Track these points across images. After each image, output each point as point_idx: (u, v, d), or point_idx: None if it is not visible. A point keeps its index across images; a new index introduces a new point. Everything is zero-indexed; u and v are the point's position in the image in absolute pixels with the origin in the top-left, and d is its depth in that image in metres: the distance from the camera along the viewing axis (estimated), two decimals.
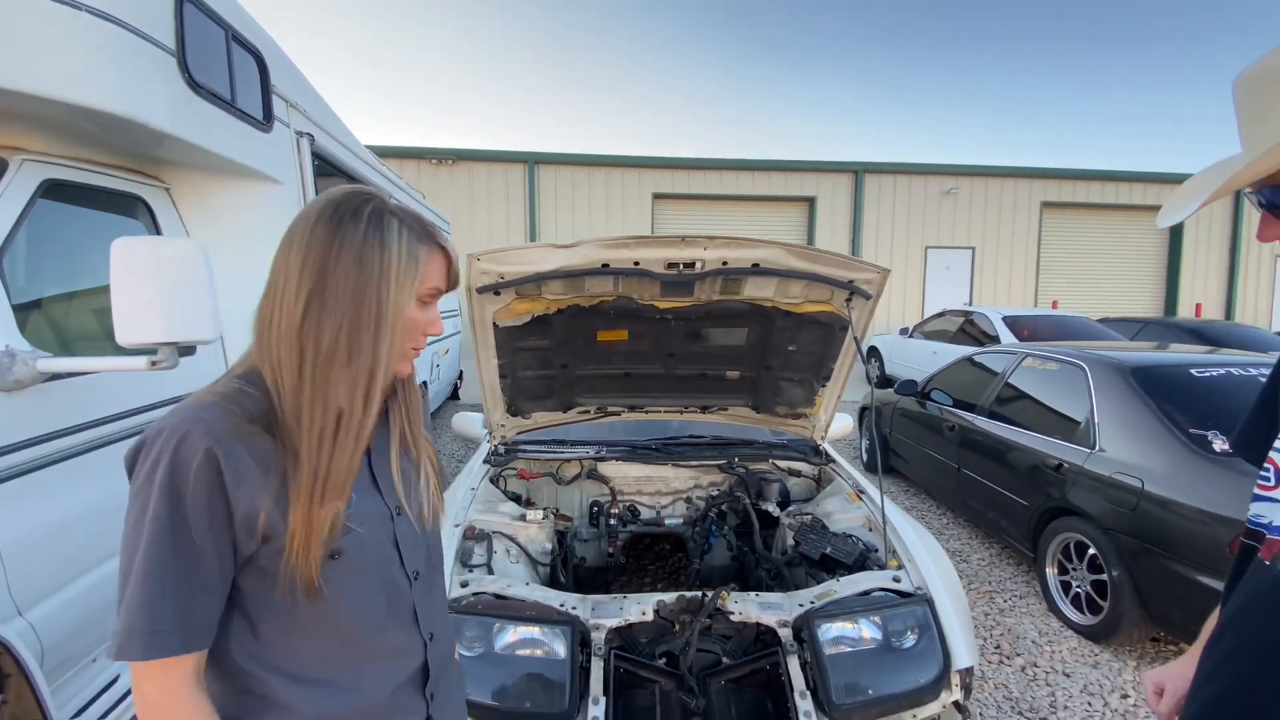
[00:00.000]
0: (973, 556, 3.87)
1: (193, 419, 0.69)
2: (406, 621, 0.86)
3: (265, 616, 0.74)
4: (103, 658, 1.93)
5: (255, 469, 0.71)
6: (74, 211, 2.04)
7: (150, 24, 1.97)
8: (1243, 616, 0.84)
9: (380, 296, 0.73)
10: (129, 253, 1.53)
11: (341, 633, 0.78)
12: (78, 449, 1.80)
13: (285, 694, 0.75)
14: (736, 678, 1.67)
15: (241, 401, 0.73)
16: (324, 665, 0.78)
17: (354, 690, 0.79)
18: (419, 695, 0.88)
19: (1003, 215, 13.70)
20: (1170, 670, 1.05)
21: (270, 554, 0.72)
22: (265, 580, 0.73)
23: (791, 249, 1.94)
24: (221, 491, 0.69)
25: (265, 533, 0.71)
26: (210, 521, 0.68)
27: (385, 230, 0.75)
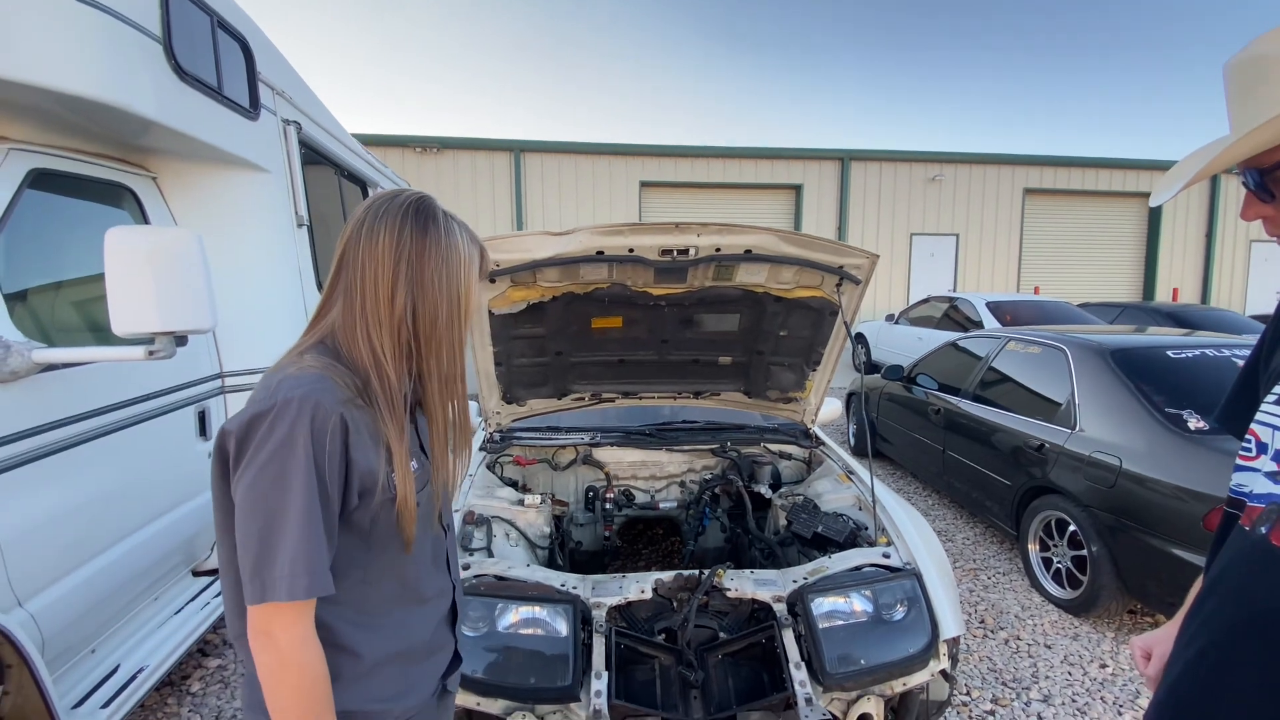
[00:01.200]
0: (958, 536, 3.96)
1: (320, 389, 0.78)
2: (443, 568, 1.00)
3: (346, 570, 0.84)
4: (102, 648, 1.94)
5: (366, 434, 0.81)
6: (61, 201, 2.02)
7: (136, 10, 1.94)
8: (1223, 580, 0.88)
9: (464, 289, 0.88)
10: (123, 242, 1.53)
11: (403, 580, 0.90)
12: (75, 439, 1.80)
13: (354, 640, 0.85)
14: (733, 651, 1.72)
15: (342, 375, 0.82)
16: (381, 611, 0.89)
17: (407, 631, 0.92)
18: (450, 632, 1.02)
19: (986, 202, 13.84)
20: (1157, 635, 1.10)
21: (364, 509, 0.82)
22: (352, 535, 0.84)
23: (783, 235, 1.97)
24: (345, 452, 0.79)
25: (366, 488, 0.81)
26: (339, 477, 0.79)
27: (458, 234, 0.88)
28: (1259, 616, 0.81)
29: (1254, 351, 1.04)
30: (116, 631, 2.01)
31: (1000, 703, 2.39)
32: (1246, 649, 0.82)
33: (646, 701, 1.58)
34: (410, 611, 0.93)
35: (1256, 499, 0.86)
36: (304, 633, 0.76)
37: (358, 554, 0.85)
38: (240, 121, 2.56)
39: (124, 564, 1.97)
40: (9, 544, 1.59)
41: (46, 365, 1.69)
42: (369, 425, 0.83)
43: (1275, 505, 0.82)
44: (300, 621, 0.76)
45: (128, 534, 2.01)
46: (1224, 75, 0.80)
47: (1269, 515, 0.83)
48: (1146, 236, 14.66)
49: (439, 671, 0.98)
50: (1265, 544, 0.82)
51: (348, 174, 4.10)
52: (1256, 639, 0.81)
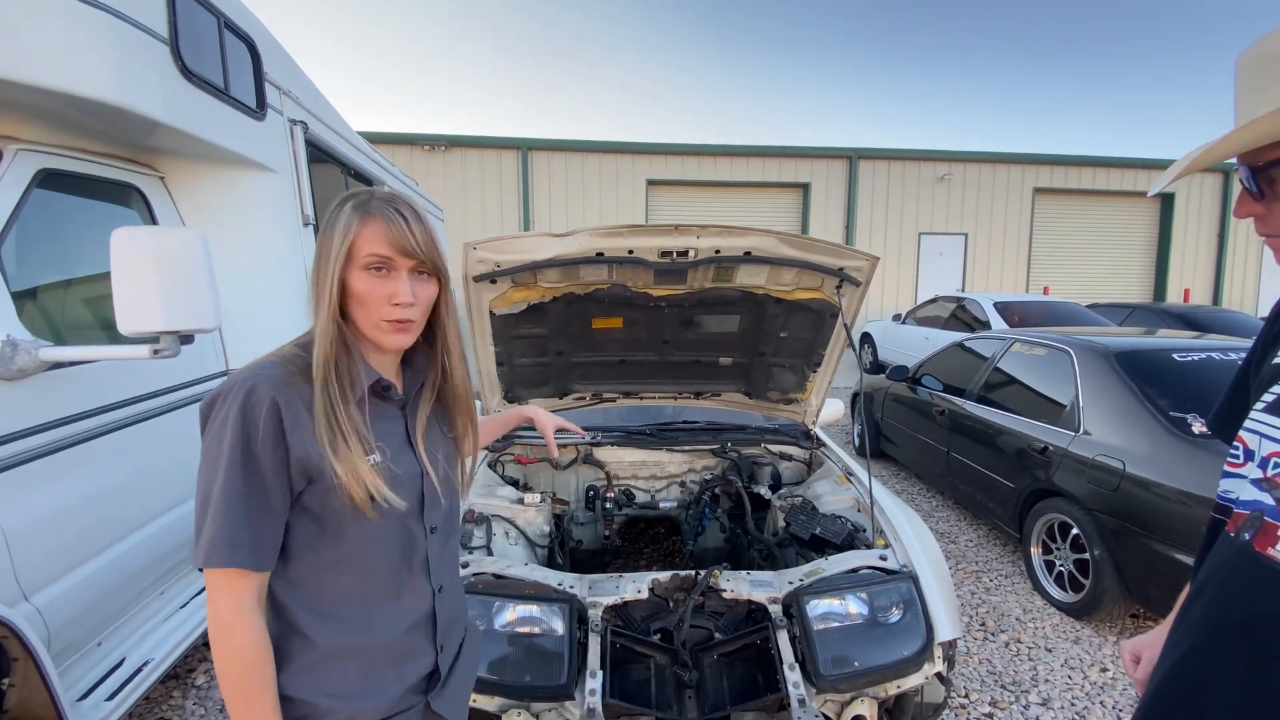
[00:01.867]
0: (961, 538, 3.95)
1: (258, 375, 0.82)
2: (419, 570, 0.97)
3: (300, 553, 0.86)
4: (108, 641, 1.97)
5: (308, 418, 0.83)
6: (70, 201, 2.05)
7: (143, 12, 1.97)
8: (1209, 585, 0.89)
9: (325, 272, 0.85)
10: (129, 242, 1.55)
11: (361, 571, 0.89)
12: (81, 436, 1.83)
13: (308, 626, 0.86)
14: (728, 652, 1.73)
15: (296, 363, 0.86)
16: (343, 602, 0.89)
17: (367, 628, 0.90)
18: (429, 643, 0.98)
19: (995, 201, 13.74)
20: (1146, 639, 1.12)
21: (314, 494, 0.84)
22: (304, 519, 0.86)
23: (783, 237, 1.97)
24: (281, 434, 0.81)
25: (312, 473, 0.83)
26: (274, 458, 0.81)
27: (340, 215, 0.86)
28: (1242, 621, 0.82)
29: (1246, 358, 1.04)
30: (123, 625, 2.04)
31: (999, 706, 2.39)
32: (1229, 652, 0.83)
33: (641, 701, 1.59)
34: (375, 608, 0.91)
35: (1242, 505, 0.87)
36: (236, 602, 0.80)
37: (311, 538, 0.86)
38: (247, 122, 2.58)
39: (130, 558, 2.00)
40: (16, 538, 1.62)
41: (54, 363, 1.72)
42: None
43: (1258, 512, 0.83)
44: (234, 592, 0.80)
45: (135, 529, 2.04)
46: (1236, 66, 0.80)
47: (1253, 522, 0.84)
48: (1158, 237, 14.50)
49: (409, 681, 0.95)
50: (1249, 550, 0.83)
51: (355, 173, 4.12)
52: (1239, 642, 0.83)
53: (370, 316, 0.87)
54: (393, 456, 0.91)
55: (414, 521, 0.95)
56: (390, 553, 0.92)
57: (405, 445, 0.95)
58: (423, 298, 0.90)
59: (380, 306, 0.86)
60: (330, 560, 0.87)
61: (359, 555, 0.88)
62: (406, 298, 0.86)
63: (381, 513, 0.87)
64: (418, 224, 0.87)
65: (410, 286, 0.87)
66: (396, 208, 0.86)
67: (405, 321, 0.88)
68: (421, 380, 1.00)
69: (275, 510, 0.82)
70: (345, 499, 0.84)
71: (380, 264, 0.85)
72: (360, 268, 0.85)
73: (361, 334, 0.89)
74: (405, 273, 0.87)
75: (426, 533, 0.97)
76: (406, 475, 0.93)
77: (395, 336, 0.89)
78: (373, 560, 0.90)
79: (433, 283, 0.92)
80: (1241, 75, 0.78)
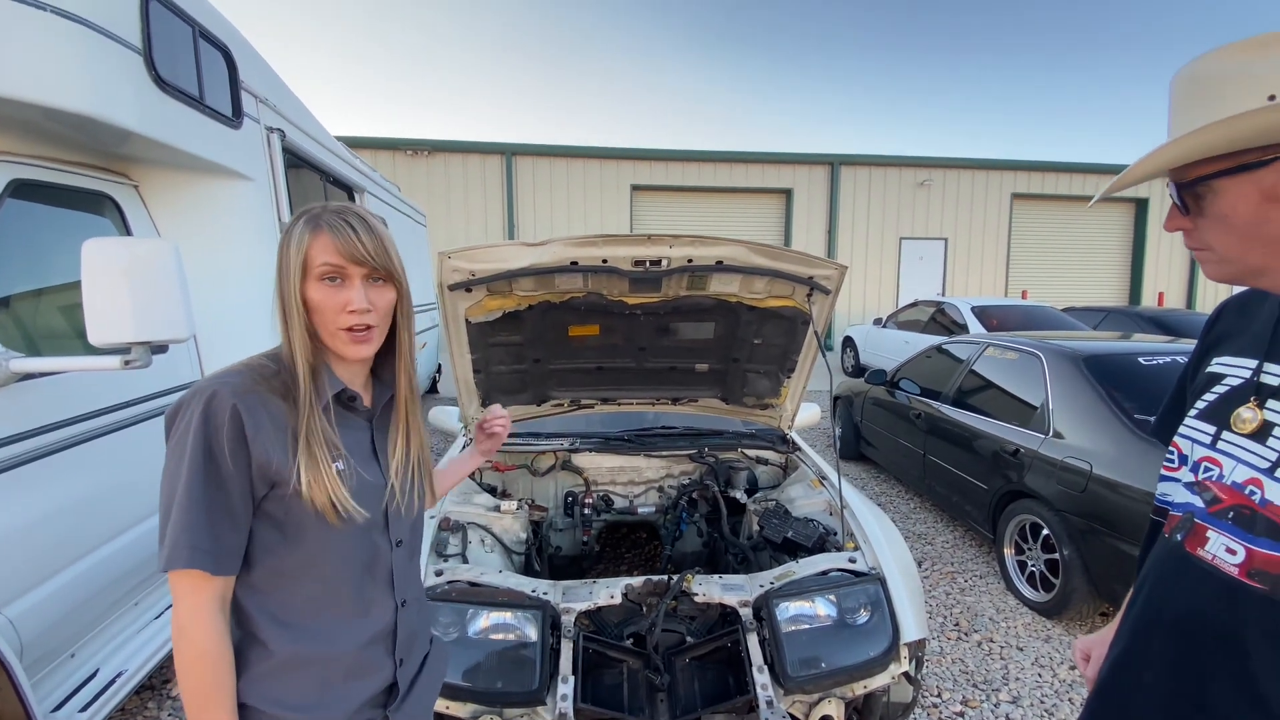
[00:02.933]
0: (937, 539, 4.01)
1: (221, 382, 0.84)
2: (382, 582, 0.97)
3: (261, 559, 0.87)
4: (81, 652, 1.96)
5: (269, 425, 0.85)
6: (43, 210, 2.04)
7: (115, 22, 1.97)
8: (1146, 584, 0.93)
9: (287, 288, 0.87)
10: (100, 253, 1.56)
11: (322, 580, 0.90)
12: (53, 447, 1.82)
13: (267, 633, 0.87)
14: (700, 655, 1.76)
15: (261, 371, 0.88)
16: (303, 611, 0.90)
17: (326, 638, 0.91)
18: (389, 656, 0.98)
19: (974, 206, 13.96)
20: (1096, 637, 1.17)
21: (275, 500, 0.86)
22: (266, 524, 0.87)
23: (753, 246, 2.01)
24: (243, 440, 0.82)
25: (274, 479, 0.84)
26: (235, 464, 0.82)
27: (294, 231, 0.89)
28: (1172, 620, 0.86)
29: (1186, 365, 1.08)
30: (97, 636, 2.03)
31: (970, 704, 2.44)
32: (1161, 651, 0.87)
33: (613, 705, 1.61)
34: (335, 619, 0.91)
35: (1176, 508, 0.91)
36: (196, 605, 0.81)
37: (272, 543, 0.87)
38: (223, 130, 2.58)
39: (104, 569, 1.99)
40: None
41: (24, 374, 1.71)
42: (279, 416, 0.86)
43: (1189, 515, 0.87)
44: (194, 594, 0.81)
45: (108, 540, 2.03)
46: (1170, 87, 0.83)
47: (1184, 524, 0.87)
48: (1133, 241, 14.81)
49: (367, 694, 0.95)
50: (1180, 550, 0.86)
51: (334, 180, 4.12)
52: (1170, 642, 0.86)
53: (327, 326, 0.88)
54: (357, 467, 0.92)
55: (379, 534, 0.95)
56: (352, 564, 0.92)
57: (370, 457, 0.96)
58: (380, 304, 0.91)
59: (336, 315, 0.87)
60: (291, 567, 0.88)
61: (319, 563, 0.89)
62: (360, 304, 0.87)
63: (343, 522, 0.88)
64: (366, 232, 0.88)
65: (365, 294, 0.88)
66: (345, 219, 0.88)
67: (363, 329, 0.89)
68: (390, 393, 1.01)
69: (237, 515, 0.83)
70: (307, 505, 0.85)
71: (333, 273, 0.87)
72: (315, 279, 0.87)
73: (324, 345, 0.91)
74: (359, 280, 0.88)
75: (392, 546, 0.97)
76: (371, 487, 0.93)
77: (355, 346, 0.90)
78: (334, 570, 0.90)
79: (389, 288, 0.93)
80: (1174, 95, 0.82)
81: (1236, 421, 0.82)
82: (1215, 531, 0.82)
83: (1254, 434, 0.80)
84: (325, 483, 0.85)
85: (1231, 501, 0.81)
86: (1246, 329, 0.93)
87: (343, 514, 0.87)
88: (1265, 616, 0.75)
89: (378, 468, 0.96)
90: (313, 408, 0.87)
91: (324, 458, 0.86)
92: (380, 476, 0.96)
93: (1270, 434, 0.78)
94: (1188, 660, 0.83)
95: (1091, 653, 1.16)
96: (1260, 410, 0.80)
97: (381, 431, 1.00)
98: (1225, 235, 0.77)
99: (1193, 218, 0.78)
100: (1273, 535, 0.75)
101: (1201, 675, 0.81)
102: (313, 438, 0.86)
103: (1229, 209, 0.75)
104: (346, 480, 0.88)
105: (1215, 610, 0.80)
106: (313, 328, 0.89)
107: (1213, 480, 0.84)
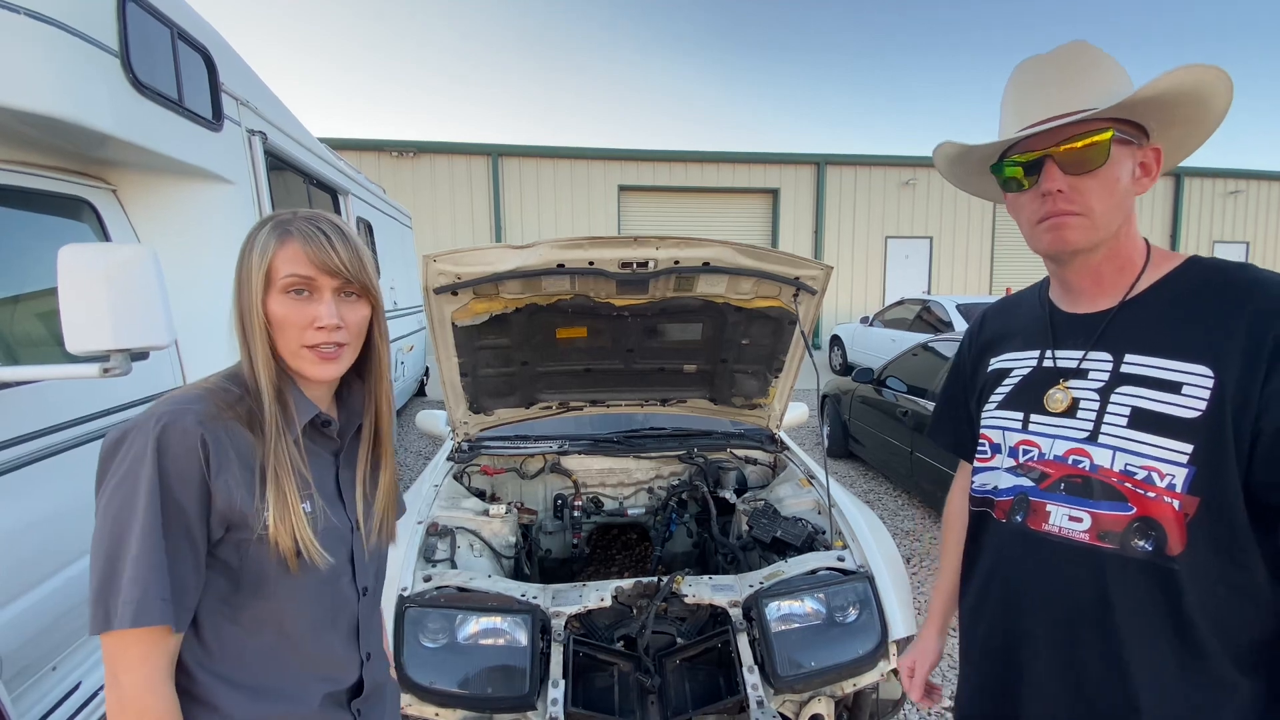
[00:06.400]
0: (925, 536, 4.05)
1: (183, 409, 0.73)
2: (347, 635, 0.88)
3: (211, 613, 0.77)
4: (63, 665, 1.92)
5: (235, 460, 0.75)
6: (18, 216, 2.00)
7: (91, 25, 1.94)
8: (995, 577, 0.97)
9: (248, 302, 0.78)
10: (77, 259, 1.53)
11: (283, 636, 0.81)
12: (30, 457, 1.78)
13: (221, 698, 0.76)
14: (690, 656, 1.76)
15: (224, 396, 0.78)
16: (262, 671, 0.80)
17: (287, 698, 0.81)
18: (345, 712, 0.89)
19: (958, 205, 14.10)
20: (915, 650, 1.23)
21: (230, 545, 0.76)
22: (216, 571, 0.77)
23: (740, 248, 2.02)
24: (204, 477, 0.73)
25: (233, 522, 0.75)
26: (197, 503, 0.72)
27: (257, 237, 0.80)
28: (1038, 596, 0.89)
29: (954, 369, 1.16)
30: (79, 648, 1.99)
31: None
32: (1034, 631, 0.90)
33: (604, 708, 1.61)
34: (292, 674, 0.82)
35: (1003, 493, 0.96)
36: (150, 673, 0.70)
37: (225, 593, 0.77)
38: (202, 133, 2.55)
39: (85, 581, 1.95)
40: None
41: (1, 383, 1.68)
42: (246, 449, 0.77)
43: (1022, 495, 0.92)
44: (146, 660, 0.70)
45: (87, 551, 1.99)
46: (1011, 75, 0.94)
47: (1020, 505, 0.92)
48: None
49: None
50: (1024, 530, 0.91)
51: (317, 182, 4.08)
52: (1037, 619, 0.90)
53: (290, 344, 0.79)
54: (321, 509, 0.83)
55: (346, 582, 0.87)
56: (313, 614, 0.83)
57: (335, 497, 0.87)
58: (352, 321, 0.82)
59: (301, 332, 0.79)
60: (245, 618, 0.78)
61: (278, 614, 0.80)
62: (331, 320, 0.79)
63: (305, 569, 0.79)
64: (341, 241, 0.80)
65: (336, 309, 0.80)
66: (317, 225, 0.79)
67: (332, 347, 0.80)
68: (358, 423, 0.91)
69: (197, 561, 0.74)
70: (270, 551, 0.76)
71: (300, 285, 0.78)
72: (279, 291, 0.78)
73: (286, 365, 0.81)
74: (329, 293, 0.80)
75: (359, 595, 0.89)
76: (337, 530, 0.85)
77: (321, 366, 0.80)
78: (292, 621, 0.81)
79: (363, 305, 0.84)
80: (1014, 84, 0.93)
81: (1050, 402, 0.91)
82: (1054, 504, 0.88)
83: (1065, 411, 0.89)
84: (291, 524, 0.76)
85: (1059, 474, 0.88)
86: (1017, 329, 1.04)
87: (307, 560, 0.78)
88: (1120, 572, 0.81)
89: (342, 508, 0.87)
90: (282, 436, 0.78)
91: (293, 496, 0.76)
92: (345, 518, 0.87)
93: (1078, 408, 0.87)
94: (1065, 641, 0.87)
95: (915, 666, 1.21)
96: (1069, 390, 0.89)
97: (349, 466, 0.89)
98: (1108, 199, 0.83)
99: (1083, 178, 0.83)
100: (1110, 497, 0.82)
101: (1074, 643, 0.86)
102: (282, 472, 0.76)
103: (1120, 173, 0.83)
104: (314, 522, 0.79)
105: (1073, 576, 0.85)
106: (273, 345, 0.79)
107: (1034, 460, 0.91)
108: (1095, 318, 0.90)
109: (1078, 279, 0.93)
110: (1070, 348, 0.92)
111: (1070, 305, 0.95)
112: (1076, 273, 0.92)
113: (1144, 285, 0.88)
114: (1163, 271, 0.88)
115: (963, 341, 1.16)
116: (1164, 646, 0.80)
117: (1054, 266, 0.97)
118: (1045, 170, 0.85)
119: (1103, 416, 0.84)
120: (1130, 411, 0.82)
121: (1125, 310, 0.88)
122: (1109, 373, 0.85)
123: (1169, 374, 0.80)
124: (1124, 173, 0.84)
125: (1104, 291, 0.91)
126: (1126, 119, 0.83)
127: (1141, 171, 0.87)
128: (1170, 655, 0.79)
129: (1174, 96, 0.80)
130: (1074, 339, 0.92)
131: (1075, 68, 0.85)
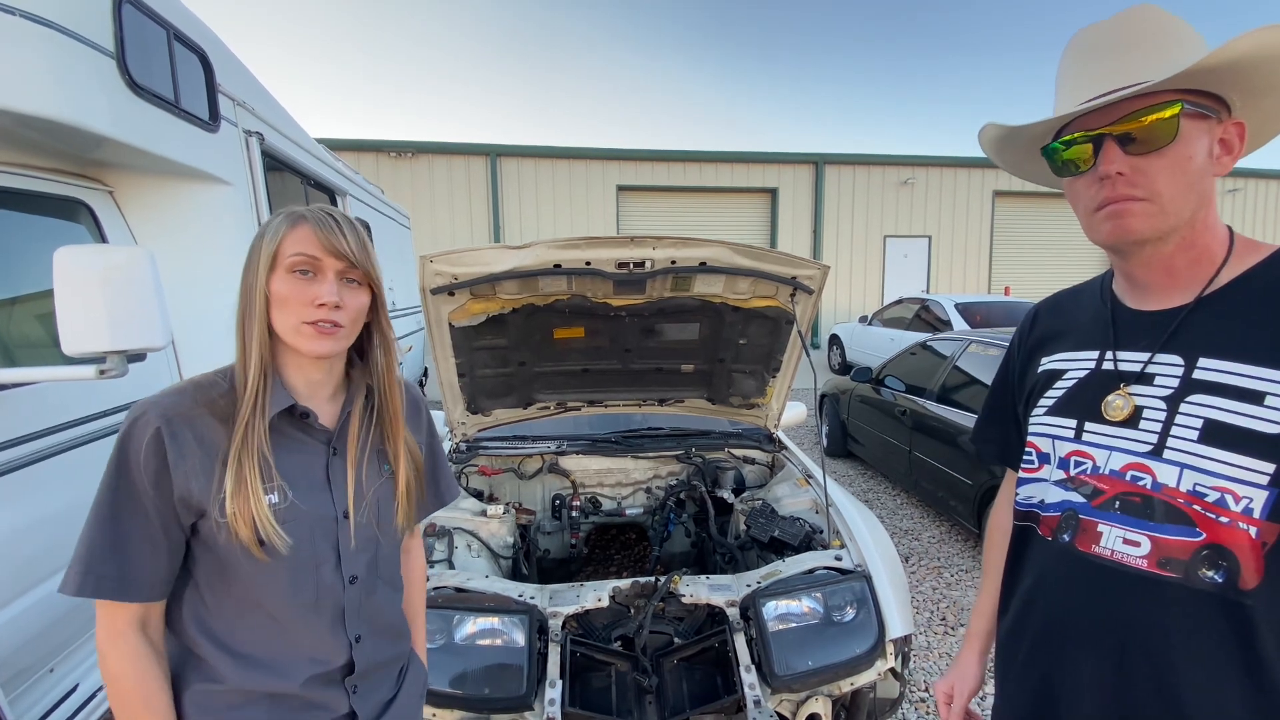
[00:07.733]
0: (924, 535, 4.05)
1: (153, 403, 0.79)
2: (332, 621, 0.89)
3: (209, 585, 0.83)
4: (61, 667, 1.92)
5: (196, 450, 0.79)
6: (13, 217, 2.00)
7: (86, 26, 1.93)
8: (1039, 596, 0.87)
9: (251, 283, 0.82)
10: (74, 261, 1.53)
11: (269, 616, 0.85)
12: (28, 459, 1.78)
13: (215, 661, 0.83)
14: (688, 656, 1.76)
15: (208, 390, 0.83)
16: (251, 643, 0.84)
17: (275, 672, 0.85)
18: (338, 688, 0.90)
19: (957, 204, 14.11)
20: (953, 675, 1.09)
21: (208, 528, 0.80)
22: (207, 552, 0.82)
23: (736, 247, 2.02)
24: (164, 465, 0.77)
25: (192, 506, 0.79)
26: (155, 489, 0.77)
27: (270, 224, 0.84)
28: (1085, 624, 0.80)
29: (1002, 369, 1.05)
30: (76, 651, 1.99)
31: None
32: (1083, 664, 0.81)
33: (601, 708, 1.61)
34: (279, 652, 0.85)
35: (1050, 508, 0.86)
36: (110, 629, 0.78)
37: (213, 570, 0.82)
38: (199, 134, 2.55)
39: None
40: None
41: None
42: (212, 440, 0.80)
43: (1071, 511, 0.82)
44: (107, 616, 0.78)
45: None
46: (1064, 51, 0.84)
47: (1068, 522, 0.83)
48: None
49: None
50: (1072, 551, 0.82)
51: (315, 183, 4.08)
52: (1081, 649, 0.81)
53: (289, 320, 0.81)
54: (303, 495, 0.84)
55: (329, 570, 0.87)
56: (291, 599, 0.85)
57: (324, 485, 0.88)
58: (352, 306, 0.84)
59: (302, 308, 0.81)
60: (235, 595, 0.83)
61: (258, 596, 0.83)
62: (331, 298, 0.81)
63: (278, 557, 0.81)
64: (351, 231, 0.83)
65: (337, 290, 0.82)
66: (329, 214, 0.83)
67: (329, 325, 0.82)
68: (349, 410, 0.92)
69: (157, 540, 0.79)
70: (232, 535, 0.78)
71: (306, 264, 0.81)
72: (285, 270, 0.81)
73: (282, 343, 0.84)
74: (333, 275, 0.82)
75: (345, 583, 0.89)
76: (318, 518, 0.86)
77: (318, 340, 0.82)
78: (272, 603, 0.84)
79: (364, 292, 0.86)
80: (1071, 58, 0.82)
81: (1108, 409, 0.80)
82: (1107, 525, 0.78)
83: (1126, 420, 0.78)
84: (251, 509, 0.78)
85: (1115, 491, 0.78)
86: (1073, 326, 0.92)
87: (269, 549, 0.80)
88: (1183, 605, 0.72)
89: (329, 496, 0.88)
90: (255, 418, 0.80)
91: (253, 484, 0.78)
92: (329, 507, 0.87)
93: (1141, 417, 0.77)
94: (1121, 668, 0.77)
95: (954, 692, 1.08)
96: (1130, 397, 0.79)
97: (340, 455, 0.90)
98: (1177, 180, 0.73)
99: (1148, 158, 0.73)
100: (1174, 520, 0.73)
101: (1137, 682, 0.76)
102: (245, 457, 0.79)
103: (1192, 152, 0.73)
104: (279, 512, 0.81)
105: (1127, 606, 0.76)
106: (272, 325, 0.82)
107: (1087, 474, 0.81)
108: (1165, 315, 0.79)
109: (1145, 273, 0.81)
110: (1134, 349, 0.80)
111: (1137, 301, 0.84)
112: (1144, 266, 0.80)
113: (1225, 279, 0.76)
114: (1248, 264, 0.76)
115: (1012, 339, 1.04)
116: (1231, 690, 0.70)
117: (1117, 259, 0.84)
118: (1104, 150, 0.74)
119: (1170, 428, 0.74)
120: (1203, 424, 0.71)
121: (1201, 308, 0.76)
122: (1179, 378, 0.75)
123: (1251, 382, 0.69)
124: (1198, 151, 0.73)
125: (1177, 286, 0.79)
126: (1200, 89, 0.72)
127: (1222, 149, 0.75)
128: (1238, 701, 0.70)
129: (1257, 62, 0.69)
130: (1139, 339, 0.81)
131: (1138, 33, 0.75)
